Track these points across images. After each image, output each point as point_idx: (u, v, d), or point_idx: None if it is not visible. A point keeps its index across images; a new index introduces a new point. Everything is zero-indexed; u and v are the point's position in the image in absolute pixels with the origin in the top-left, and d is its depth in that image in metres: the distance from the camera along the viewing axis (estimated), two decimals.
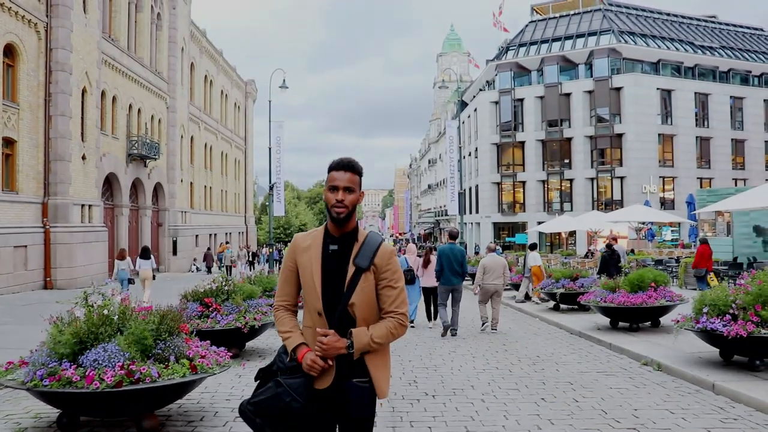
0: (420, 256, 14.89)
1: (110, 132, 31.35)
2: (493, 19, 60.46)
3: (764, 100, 54.14)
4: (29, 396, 6.36)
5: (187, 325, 8.18)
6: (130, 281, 20.46)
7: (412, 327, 14.08)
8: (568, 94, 52.49)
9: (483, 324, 13.55)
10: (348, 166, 3.05)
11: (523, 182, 54.12)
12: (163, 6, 39.21)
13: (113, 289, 6.24)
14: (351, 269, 2.98)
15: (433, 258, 13.98)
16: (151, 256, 21.53)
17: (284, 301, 3.15)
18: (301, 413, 2.90)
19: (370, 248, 3.04)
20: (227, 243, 53.85)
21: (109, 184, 32.17)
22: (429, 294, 14.41)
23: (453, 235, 14.23)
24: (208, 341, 6.67)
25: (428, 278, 14.14)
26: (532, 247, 20.24)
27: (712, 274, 18.01)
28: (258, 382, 3.07)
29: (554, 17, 57.88)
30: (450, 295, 12.89)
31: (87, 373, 5.20)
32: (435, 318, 14.32)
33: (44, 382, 5.27)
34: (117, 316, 5.77)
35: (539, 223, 43.99)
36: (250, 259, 44.52)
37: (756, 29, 63.34)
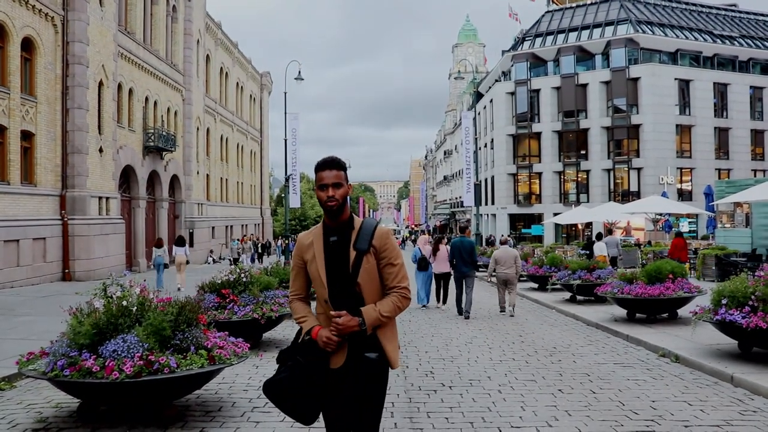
0: (431, 244, 16.87)
1: (127, 125, 31.54)
2: (509, 10, 60.18)
3: None
4: (50, 386, 6.44)
5: (205, 316, 8.28)
6: (166, 266, 23.13)
7: (425, 308, 16.06)
8: (584, 85, 52.07)
9: (501, 309, 15.00)
10: (332, 164, 3.33)
11: (539, 173, 53.84)
12: None
13: (131, 280, 6.29)
14: (353, 254, 3.27)
15: (442, 247, 16.25)
16: (185, 243, 23.98)
17: (297, 294, 3.50)
18: (318, 390, 3.21)
19: (367, 232, 3.32)
20: (252, 234, 54.19)
21: (126, 176, 32.39)
22: (439, 279, 16.42)
23: (463, 229, 18.22)
24: (226, 332, 6.73)
25: (438, 265, 16.15)
26: (599, 237, 21.52)
27: (687, 265, 18.03)
28: (279, 363, 3.34)
29: (571, 7, 57.37)
30: (463, 282, 14.60)
31: (106, 364, 5.26)
32: (445, 301, 16.29)
33: (64, 372, 5.34)
34: (135, 307, 5.82)
35: (555, 214, 43.79)
36: (260, 251, 43.35)
37: None
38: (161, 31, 36.59)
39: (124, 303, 5.81)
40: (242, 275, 10.10)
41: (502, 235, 26.30)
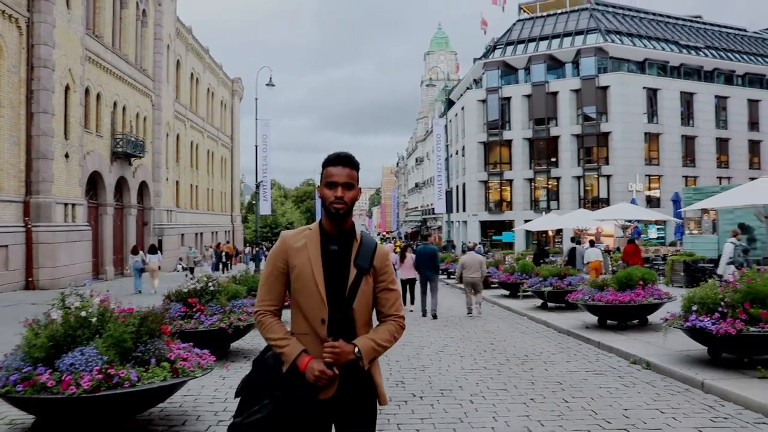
0: (397, 253, 18.52)
1: (94, 130, 31.01)
2: (481, 19, 60.56)
3: (748, 100, 54.51)
4: (3, 402, 6.18)
5: (170, 326, 8.05)
6: (142, 271, 24.78)
7: None
8: (555, 93, 52.59)
9: (469, 311, 16.05)
10: (346, 160, 2.90)
11: (510, 180, 54.16)
12: (149, 2, 38.84)
13: (92, 289, 6.06)
14: (353, 271, 2.85)
15: (409, 255, 17.45)
16: (158, 251, 25.85)
17: (271, 305, 2.90)
18: (305, 429, 2.76)
19: (369, 249, 2.92)
20: (228, 243, 53.41)
21: (94, 182, 31.82)
22: (405, 284, 17.38)
23: (426, 237, 20.49)
24: (191, 343, 6.52)
25: (405, 272, 17.31)
26: (591, 243, 22.57)
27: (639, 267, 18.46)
28: (241, 398, 2.82)
29: (542, 16, 57.96)
30: (427, 285, 15.86)
31: (63, 378, 5.01)
32: (412, 303, 17.39)
33: (17, 388, 5.07)
34: (95, 318, 5.60)
35: (526, 221, 43.98)
36: (223, 259, 40.30)
37: (740, 29, 63.80)
38: (131, 36, 36.11)
39: (83, 314, 5.58)
40: (209, 284, 9.87)
41: (470, 242, 27.04)
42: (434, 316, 15.36)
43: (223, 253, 37.34)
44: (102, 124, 31.96)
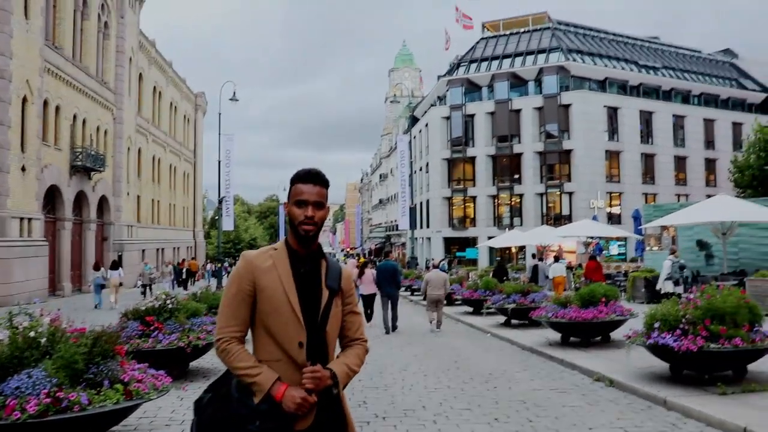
0: (357, 268, 18.26)
1: (53, 143, 30.33)
2: (446, 37, 61.09)
3: (703, 119, 55.90)
4: None
5: (127, 345, 7.80)
6: (103, 287, 24.92)
7: None
8: (518, 111, 53.21)
9: (431, 326, 16.24)
10: (317, 177, 2.76)
11: (474, 197, 54.50)
12: (111, 15, 38.32)
13: (42, 308, 5.82)
14: (325, 293, 2.72)
15: (368, 271, 17.53)
16: (119, 267, 26.15)
17: (237, 331, 2.67)
18: None
19: (336, 270, 2.81)
20: (193, 259, 52.47)
21: (51, 196, 31.08)
22: (365, 300, 17.34)
23: (387, 253, 21.83)
24: (147, 363, 6.30)
25: (365, 287, 17.27)
26: (556, 259, 23.18)
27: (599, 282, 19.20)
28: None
29: (505, 35, 58.73)
30: (389, 300, 16.05)
31: (7, 403, 4.76)
32: (370, 319, 17.29)
33: None
34: (45, 339, 5.37)
35: (490, 237, 44.17)
36: (184, 276, 38.37)
37: (695, 51, 65.54)
38: (92, 48, 35.51)
39: (32, 334, 5.35)
40: (168, 301, 9.63)
41: (433, 259, 27.65)
42: (395, 327, 16.01)
43: (184, 270, 36.28)
44: (61, 137, 31.29)
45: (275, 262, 2.71)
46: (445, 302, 16.90)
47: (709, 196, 27.52)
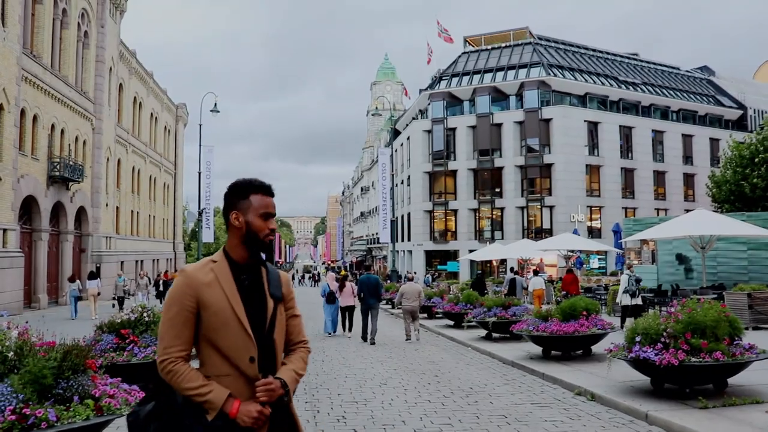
0: (337, 281, 19.01)
1: (30, 152, 29.91)
2: (428, 51, 61.35)
3: (682, 135, 56.55)
4: None
5: (100, 359, 7.61)
6: (80, 299, 25.76)
7: (330, 336, 18.21)
8: (499, 125, 53.45)
9: (407, 337, 16.99)
10: (272, 190, 2.79)
11: (455, 210, 54.58)
12: (91, 24, 38.01)
13: (9, 321, 5.64)
14: (270, 302, 2.68)
15: (348, 284, 18.41)
16: (97, 277, 26.79)
17: (182, 351, 2.57)
18: None
19: (276, 277, 2.78)
20: (175, 272, 51.75)
21: (28, 207, 30.59)
22: (345, 311, 18.27)
23: (368, 267, 24.99)
24: (120, 378, 6.12)
25: (344, 299, 18.21)
26: (535, 272, 23.91)
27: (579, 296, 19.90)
28: None
29: (486, 49, 59.11)
30: (369, 312, 16.73)
31: None
32: (351, 329, 18.13)
33: None
34: (12, 353, 5.19)
35: (471, 251, 44.27)
36: (161, 288, 35.92)
37: (673, 68, 66.46)
38: (71, 57, 35.16)
39: None
40: (144, 314, 9.44)
41: (408, 272, 28.29)
42: (372, 342, 16.33)
43: (161, 282, 35.56)
44: (38, 147, 30.88)
45: (217, 275, 2.64)
46: (419, 313, 17.69)
47: (687, 211, 27.77)
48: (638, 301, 16.99)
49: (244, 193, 2.72)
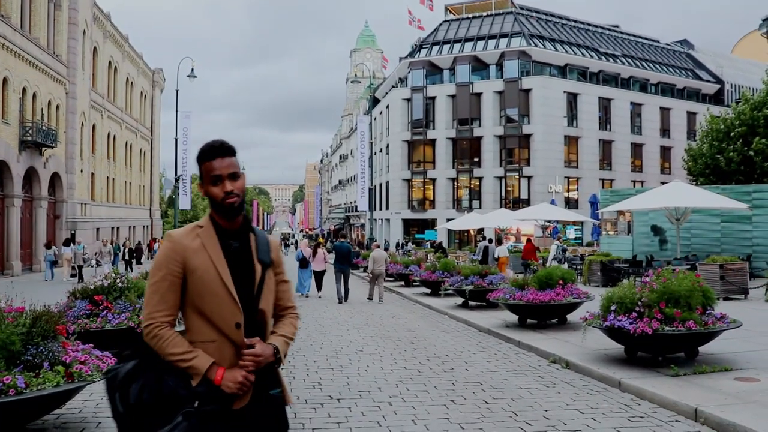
0: (311, 248, 21.61)
1: (0, 116, 29.25)
2: (409, 17, 60.76)
3: (660, 108, 56.88)
4: None
5: (73, 325, 7.50)
6: (54, 263, 27.21)
7: (307, 297, 19.93)
8: (478, 94, 53.31)
9: (369, 297, 19.08)
10: (223, 149, 2.64)
11: (434, 179, 54.61)
12: None
13: None
14: (258, 268, 2.65)
15: (320, 251, 21.11)
16: (71, 243, 28.21)
17: (167, 316, 2.53)
18: None
19: (265, 241, 2.74)
20: (155, 239, 51.15)
21: None
22: (318, 275, 20.72)
23: (342, 235, 26.77)
24: (91, 344, 6.05)
25: (316, 264, 20.76)
26: (499, 241, 25.57)
27: (536, 263, 21.53)
28: (139, 416, 2.43)
29: (467, 18, 58.65)
30: (341, 275, 18.68)
31: None
32: (320, 289, 20.48)
33: None
34: None
35: (448, 220, 44.42)
36: (127, 257, 35.00)
37: (653, 40, 66.53)
38: (42, 18, 34.24)
39: None
40: (118, 280, 9.32)
41: (375, 241, 29.59)
42: (346, 299, 18.63)
43: (127, 250, 34.79)
44: (9, 111, 30.19)
45: (203, 241, 2.60)
46: (386, 276, 20.26)
47: (663, 183, 27.96)
48: (565, 266, 18.92)
49: (199, 161, 2.66)
